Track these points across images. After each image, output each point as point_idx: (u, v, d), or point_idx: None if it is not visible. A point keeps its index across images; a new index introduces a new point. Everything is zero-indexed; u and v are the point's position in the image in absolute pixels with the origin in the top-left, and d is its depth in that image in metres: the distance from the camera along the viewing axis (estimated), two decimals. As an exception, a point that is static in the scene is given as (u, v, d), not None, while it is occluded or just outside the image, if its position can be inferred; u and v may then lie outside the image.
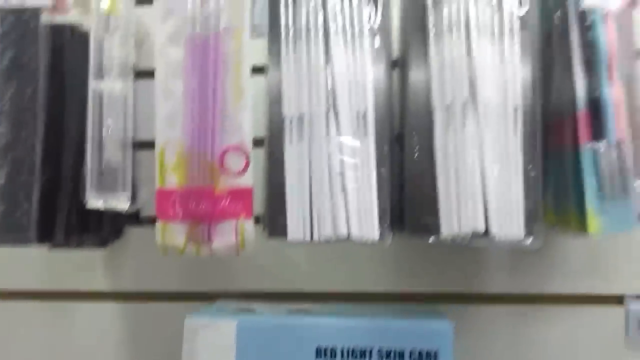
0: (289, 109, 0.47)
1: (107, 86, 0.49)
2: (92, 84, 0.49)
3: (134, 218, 0.60)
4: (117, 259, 0.63)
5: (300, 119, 0.46)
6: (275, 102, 0.47)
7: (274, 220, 0.47)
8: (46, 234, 0.50)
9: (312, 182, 0.46)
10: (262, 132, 0.48)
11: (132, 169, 0.52)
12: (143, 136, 0.55)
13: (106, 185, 0.50)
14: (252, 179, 0.47)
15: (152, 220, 0.54)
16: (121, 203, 0.50)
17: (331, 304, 0.58)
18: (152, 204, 0.51)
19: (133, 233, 0.62)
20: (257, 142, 0.48)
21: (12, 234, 0.49)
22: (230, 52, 0.46)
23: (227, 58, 0.46)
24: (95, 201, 0.49)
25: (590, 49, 0.44)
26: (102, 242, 0.58)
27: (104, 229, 0.57)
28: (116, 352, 0.63)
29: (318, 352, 0.47)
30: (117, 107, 0.50)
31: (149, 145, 0.50)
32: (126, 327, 0.63)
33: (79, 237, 0.54)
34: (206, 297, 0.60)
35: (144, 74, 0.55)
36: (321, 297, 0.60)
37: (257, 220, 0.48)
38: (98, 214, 0.52)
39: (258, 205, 0.48)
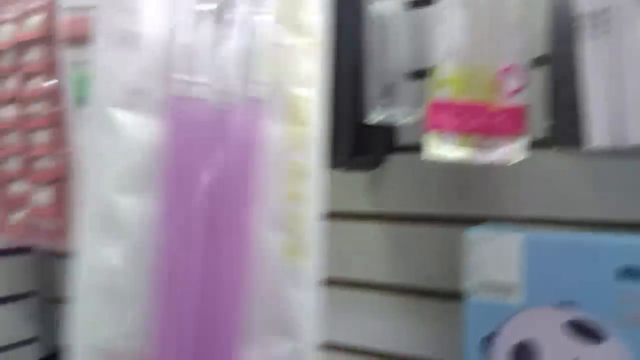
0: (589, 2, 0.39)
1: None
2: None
3: (392, 147, 0.61)
4: (379, 183, 0.64)
5: (605, 12, 0.39)
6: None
7: (564, 130, 0.42)
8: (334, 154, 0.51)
9: (624, 79, 0.38)
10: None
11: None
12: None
13: (386, 99, 0.49)
14: (527, 98, 0.43)
15: (410, 149, 0.58)
16: (400, 117, 0.49)
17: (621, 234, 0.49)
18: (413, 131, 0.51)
19: (393, 160, 0.62)
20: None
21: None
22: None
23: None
24: (377, 115, 0.48)
25: None
26: (368, 166, 0.60)
27: (372, 152, 0.57)
28: (378, 268, 0.65)
29: (618, 272, 0.41)
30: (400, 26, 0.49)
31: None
32: (389, 246, 0.64)
33: (352, 159, 0.54)
34: (468, 222, 0.56)
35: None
36: (606, 227, 0.53)
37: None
38: (367, 138, 0.53)
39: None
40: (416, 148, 0.61)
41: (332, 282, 0.67)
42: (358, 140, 0.53)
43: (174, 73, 0.26)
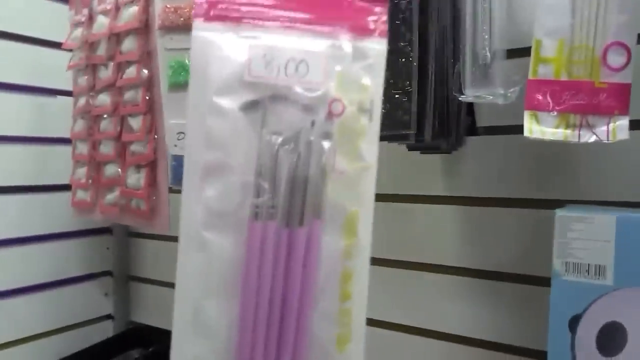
0: None
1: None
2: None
3: (473, 129, 0.61)
4: (457, 166, 0.65)
5: None
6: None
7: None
8: (418, 134, 0.52)
9: None
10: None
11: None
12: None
13: (480, 79, 0.49)
14: (631, 76, 0.44)
15: (488, 131, 0.59)
16: (496, 97, 0.48)
17: None
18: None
19: (470, 143, 0.62)
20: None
21: (396, 131, 0.51)
22: None
23: None
24: (471, 93, 0.49)
25: None
26: (449, 149, 0.60)
27: (452, 135, 0.57)
28: (451, 248, 0.66)
29: None
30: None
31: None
32: (467, 228, 0.65)
33: (435, 141, 0.55)
34: (547, 205, 0.58)
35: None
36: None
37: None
38: (450, 119, 0.53)
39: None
40: (494, 130, 0.61)
41: (410, 265, 0.69)
42: (441, 122, 0.53)
43: (250, 198, 0.32)
